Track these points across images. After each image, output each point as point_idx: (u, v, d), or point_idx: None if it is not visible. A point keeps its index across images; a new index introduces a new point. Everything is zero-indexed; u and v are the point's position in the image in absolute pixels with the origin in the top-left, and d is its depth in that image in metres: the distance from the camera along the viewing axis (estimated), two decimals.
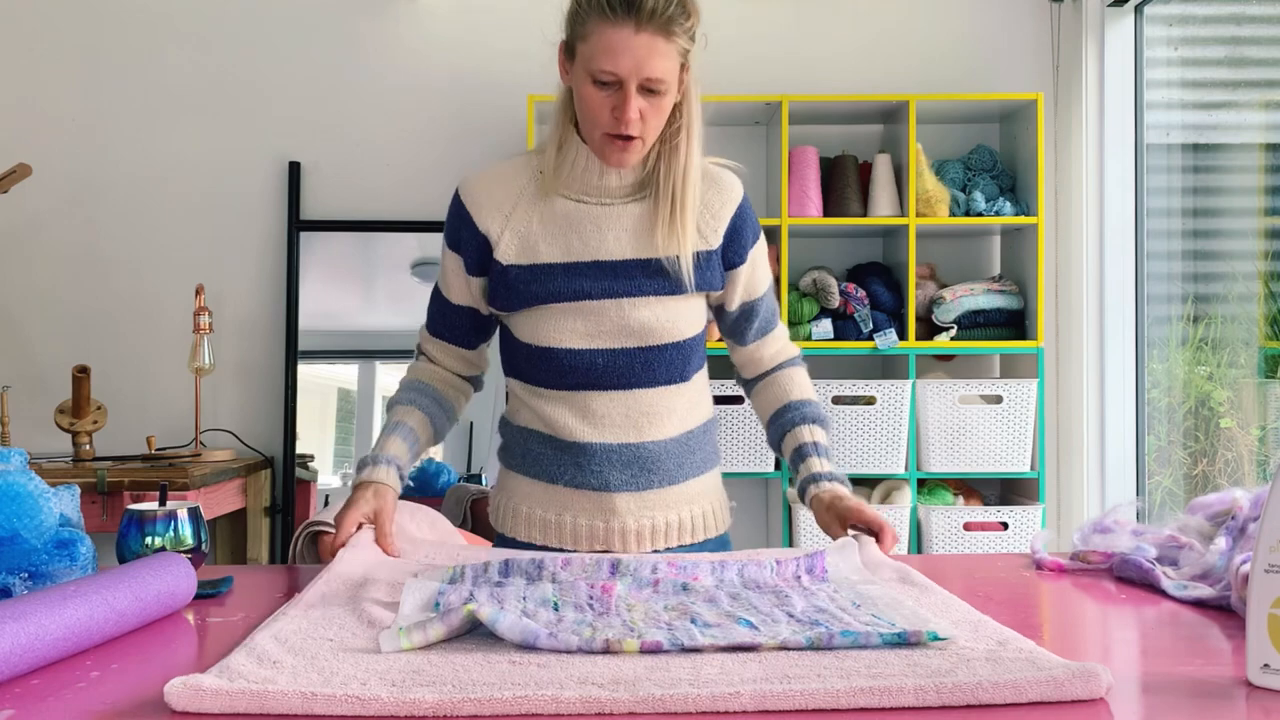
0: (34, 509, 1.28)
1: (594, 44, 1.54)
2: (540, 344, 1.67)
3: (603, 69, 1.54)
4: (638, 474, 1.68)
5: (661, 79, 1.55)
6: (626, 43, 1.52)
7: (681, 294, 1.67)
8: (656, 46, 1.53)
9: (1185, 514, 1.53)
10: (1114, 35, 3.47)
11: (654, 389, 1.69)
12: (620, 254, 1.65)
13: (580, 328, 1.65)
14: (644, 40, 1.52)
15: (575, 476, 1.68)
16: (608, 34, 1.53)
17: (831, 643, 1.08)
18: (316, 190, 3.65)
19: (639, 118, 1.56)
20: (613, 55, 1.53)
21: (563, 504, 1.70)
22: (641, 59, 1.53)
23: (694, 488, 1.74)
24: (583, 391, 1.67)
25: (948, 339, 3.41)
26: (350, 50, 3.65)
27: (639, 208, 1.66)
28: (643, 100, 1.56)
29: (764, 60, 3.64)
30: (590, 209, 1.66)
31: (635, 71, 1.53)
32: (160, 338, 3.60)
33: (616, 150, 1.60)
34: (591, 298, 1.63)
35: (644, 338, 1.66)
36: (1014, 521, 3.33)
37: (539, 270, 1.65)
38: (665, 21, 1.52)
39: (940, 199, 3.38)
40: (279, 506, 3.57)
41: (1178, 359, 3.54)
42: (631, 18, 1.52)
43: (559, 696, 0.91)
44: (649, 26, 1.52)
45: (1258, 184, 3.51)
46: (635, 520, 1.68)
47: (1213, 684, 1.00)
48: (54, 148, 3.60)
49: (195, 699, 0.91)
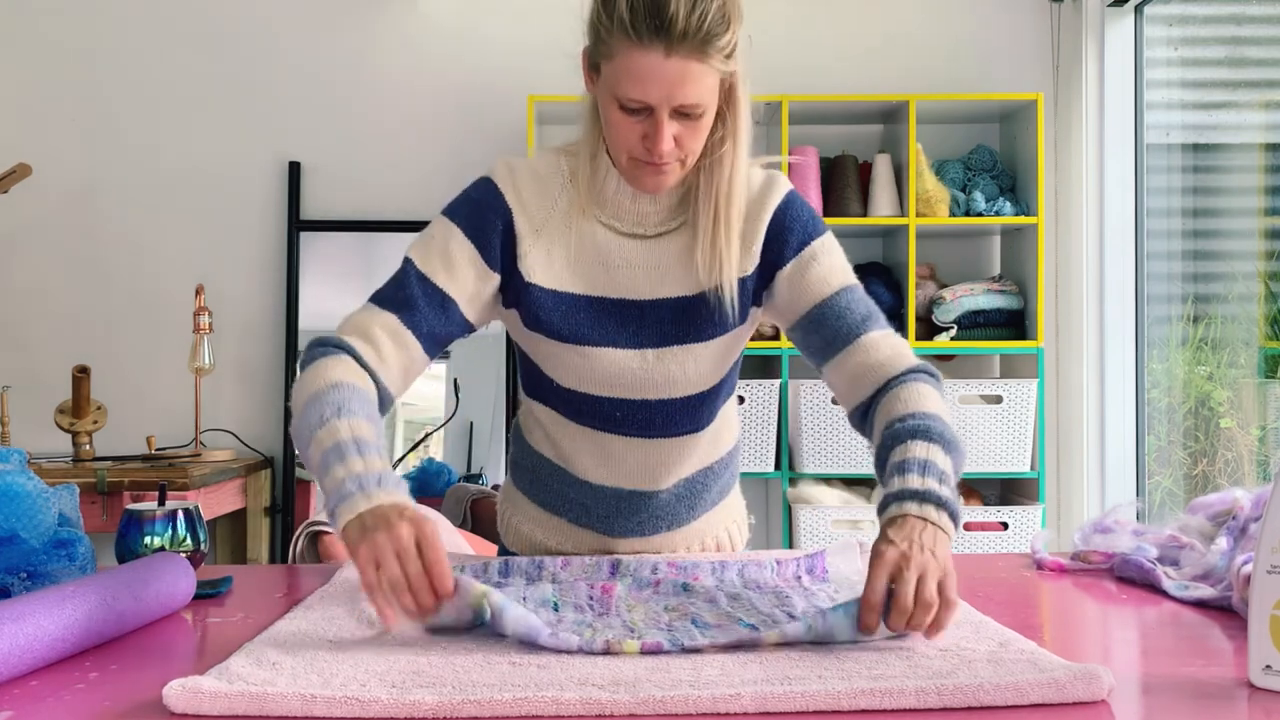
0: (33, 509, 1.28)
1: (619, 67, 1.34)
2: (557, 380, 1.51)
3: (630, 97, 1.34)
4: (644, 521, 1.58)
5: (697, 104, 1.34)
6: (657, 70, 1.31)
7: (719, 335, 1.48)
8: (690, 71, 1.32)
9: (1186, 514, 1.53)
10: (1114, 35, 3.47)
11: (676, 438, 1.53)
12: (651, 293, 1.46)
13: (599, 377, 1.47)
14: (675, 65, 1.31)
15: (580, 516, 1.59)
16: (635, 58, 1.32)
17: (827, 623, 1.08)
18: (316, 190, 3.65)
19: (674, 145, 1.37)
20: (641, 83, 1.32)
21: (564, 535, 1.62)
22: (674, 86, 1.32)
23: (702, 524, 1.64)
24: (600, 432, 1.52)
25: (948, 339, 3.40)
26: (350, 50, 3.65)
27: (675, 242, 1.47)
28: (677, 125, 1.36)
29: (764, 60, 3.63)
30: (622, 241, 1.47)
31: (667, 100, 1.33)
32: (160, 338, 3.60)
33: (650, 175, 1.40)
34: (616, 345, 1.46)
35: (668, 390, 1.49)
36: (1014, 521, 3.32)
37: (561, 298, 1.46)
38: (700, 43, 1.31)
39: (940, 199, 3.38)
40: (279, 506, 3.57)
41: (1178, 359, 3.54)
42: (661, 41, 1.30)
43: (559, 698, 0.90)
44: (681, 49, 1.30)
45: (1258, 184, 3.51)
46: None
47: (1214, 685, 1.00)
48: (54, 148, 3.59)
49: (194, 701, 0.91)
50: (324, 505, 1.21)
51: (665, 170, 1.40)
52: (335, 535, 1.37)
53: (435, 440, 3.66)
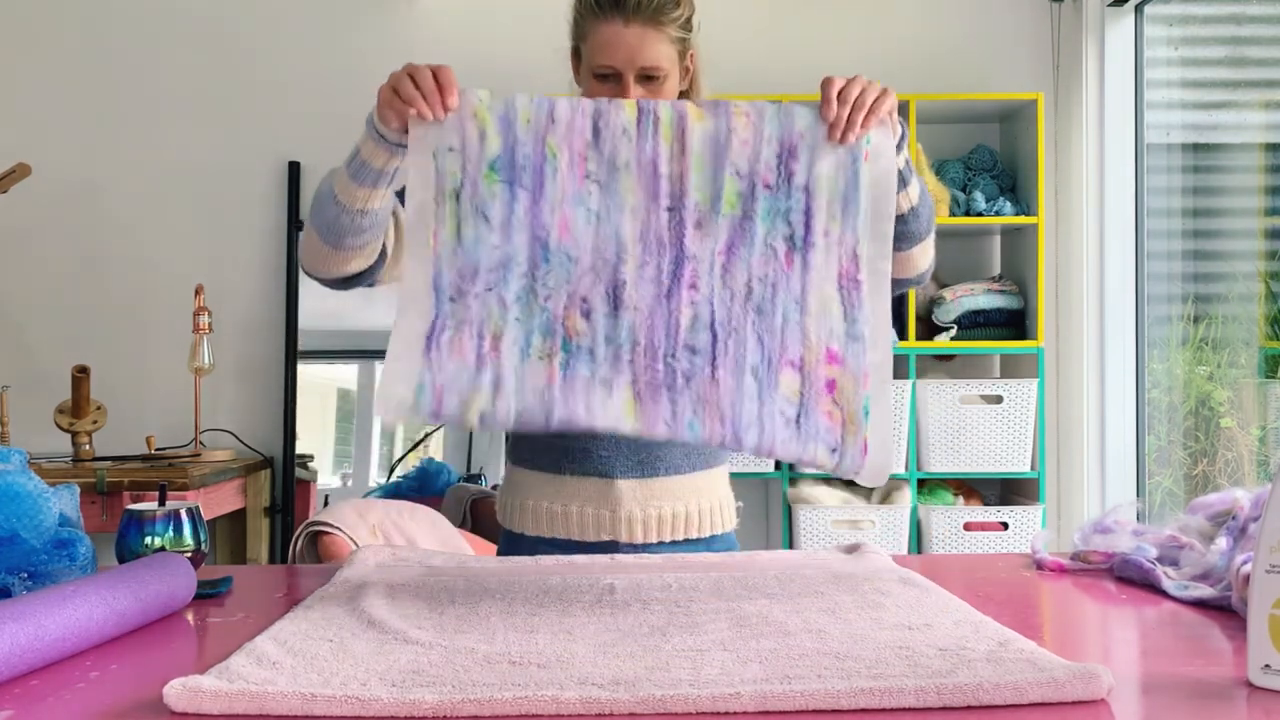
0: (34, 509, 1.28)
1: (591, 43, 1.63)
2: None
3: (600, 64, 1.62)
4: (644, 460, 1.69)
5: (656, 65, 1.62)
6: (618, 36, 1.61)
7: None
8: (647, 36, 1.61)
9: (1186, 514, 1.53)
10: (1114, 35, 3.47)
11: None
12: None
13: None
14: (634, 32, 1.60)
15: (581, 464, 1.68)
16: (601, 30, 1.62)
17: (789, 112, 1.26)
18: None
19: None
20: (607, 50, 1.61)
21: (569, 495, 1.69)
22: (634, 49, 1.61)
23: (699, 481, 1.74)
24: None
25: (948, 339, 3.41)
26: (350, 50, 3.65)
27: None
28: (642, 89, 1.63)
29: (764, 60, 3.64)
30: None
31: (629, 62, 1.61)
32: (160, 338, 3.60)
33: None
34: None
35: None
36: (1014, 521, 3.33)
37: None
38: (653, 13, 1.60)
39: (940, 199, 3.38)
40: (279, 506, 3.57)
41: (1178, 359, 3.54)
42: (620, 13, 1.60)
43: (559, 697, 0.90)
44: (637, 19, 1.60)
45: (1258, 184, 3.51)
46: (641, 509, 1.68)
47: (1213, 684, 1.00)
48: (54, 148, 3.59)
49: (194, 700, 0.91)
50: (356, 157, 1.54)
51: None
52: (378, 136, 1.50)
53: (435, 440, 3.66)
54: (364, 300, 3.73)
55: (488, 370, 1.24)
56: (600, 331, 1.27)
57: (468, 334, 1.25)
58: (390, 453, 3.71)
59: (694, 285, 1.29)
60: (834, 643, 1.08)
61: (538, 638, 1.11)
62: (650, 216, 1.29)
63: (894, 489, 3.38)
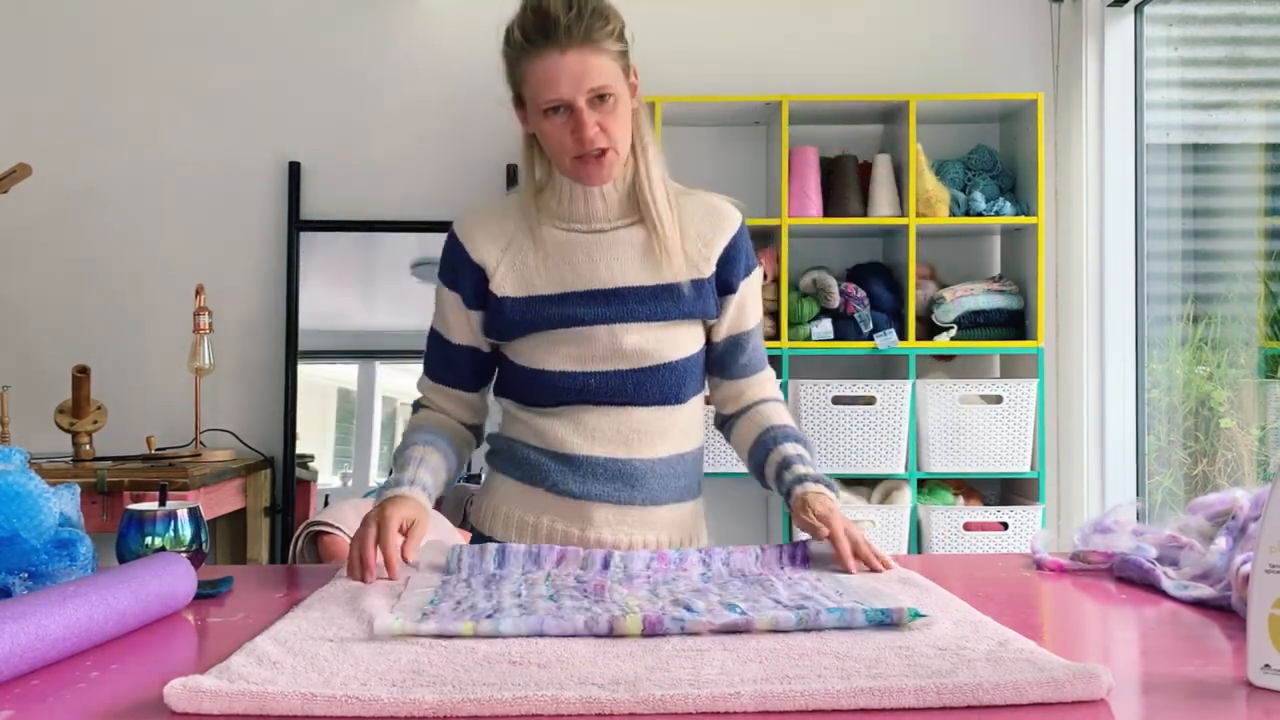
0: (34, 509, 1.28)
1: (533, 81, 1.59)
2: (534, 366, 1.69)
3: (547, 99, 1.58)
4: (620, 489, 1.69)
5: (605, 84, 1.58)
6: (558, 67, 1.56)
7: (676, 319, 1.69)
8: (586, 59, 1.57)
9: (1185, 514, 1.53)
10: (1114, 35, 3.47)
11: (647, 408, 1.69)
12: (613, 281, 1.67)
13: (573, 352, 1.67)
14: (573, 58, 1.56)
15: (558, 483, 1.69)
16: (539, 66, 1.58)
17: (818, 620, 1.13)
18: (316, 190, 3.65)
19: (599, 130, 1.59)
20: (551, 83, 1.57)
21: (542, 507, 1.70)
22: (578, 76, 1.57)
23: (675, 513, 1.74)
24: (576, 407, 1.68)
25: (948, 339, 3.41)
26: (350, 50, 3.65)
27: (633, 234, 1.69)
28: (596, 113, 1.59)
29: (764, 60, 3.64)
30: (582, 237, 1.68)
31: (577, 89, 1.57)
32: (160, 338, 3.60)
33: (591, 168, 1.63)
34: (584, 323, 1.66)
35: (636, 360, 1.67)
36: (1014, 521, 3.33)
37: (534, 301, 1.67)
38: (585, 33, 1.56)
39: (940, 199, 3.38)
40: (279, 506, 3.57)
41: (1178, 359, 3.54)
42: (554, 43, 1.56)
43: (559, 697, 0.91)
44: (572, 45, 1.56)
45: (1258, 184, 3.51)
46: (612, 534, 1.69)
47: (1213, 684, 1.00)
48: (54, 148, 3.60)
49: (195, 700, 0.91)
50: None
51: (604, 160, 1.62)
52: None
53: None
54: (364, 301, 3.74)
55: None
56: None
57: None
58: (390, 453, 3.71)
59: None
60: (833, 642, 1.08)
61: (538, 637, 1.11)
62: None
63: (894, 489, 3.38)
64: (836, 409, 3.35)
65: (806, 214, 3.39)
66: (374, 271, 3.70)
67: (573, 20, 1.55)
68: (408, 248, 3.64)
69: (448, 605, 1.24)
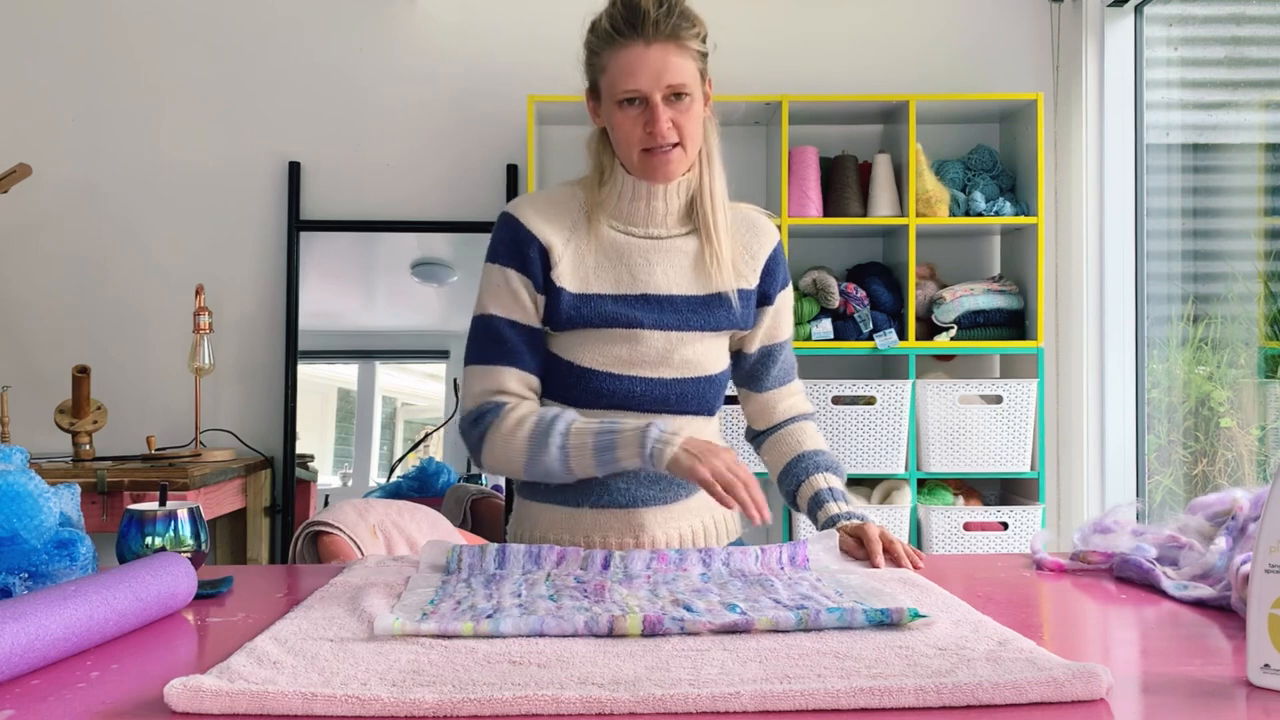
0: (34, 509, 1.28)
1: (613, 71, 1.61)
2: (581, 364, 1.67)
3: (625, 89, 1.60)
4: (665, 488, 1.71)
5: (683, 83, 1.60)
6: (641, 59, 1.58)
7: (725, 329, 1.72)
8: (670, 55, 1.59)
9: (1185, 514, 1.53)
10: (1114, 35, 3.47)
11: (683, 417, 1.71)
12: (669, 289, 1.68)
13: (623, 354, 1.67)
14: (657, 52, 1.58)
15: (603, 497, 1.69)
16: (622, 56, 1.59)
17: (818, 620, 1.13)
18: (316, 190, 3.65)
19: (671, 126, 1.61)
20: (632, 74, 1.59)
21: (590, 527, 1.70)
22: (659, 69, 1.58)
23: (706, 497, 1.74)
24: (616, 412, 1.68)
25: (948, 339, 3.41)
26: (350, 50, 3.65)
27: (687, 243, 1.70)
28: (670, 109, 1.60)
29: (764, 60, 3.64)
30: (639, 243, 1.69)
31: (656, 83, 1.59)
32: (160, 338, 3.60)
33: (658, 161, 1.63)
34: (641, 327, 1.66)
35: (683, 369, 1.69)
36: (1014, 521, 3.33)
37: (589, 299, 1.66)
38: (672, 31, 1.58)
39: (940, 199, 3.38)
40: (279, 506, 3.57)
41: (1178, 359, 3.54)
42: (640, 35, 1.58)
43: (559, 696, 0.91)
44: (658, 39, 1.58)
45: (1258, 184, 3.51)
46: (664, 532, 1.70)
47: (1213, 684, 1.00)
48: (54, 148, 3.60)
49: (195, 699, 0.91)
50: (638, 450, 1.55)
51: (671, 156, 1.63)
52: (651, 463, 1.57)
53: (435, 440, 3.67)
54: (364, 301, 3.75)
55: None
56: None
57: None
58: (390, 453, 3.71)
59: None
60: (833, 642, 1.08)
61: (538, 637, 1.11)
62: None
63: (894, 489, 3.38)
64: (836, 409, 3.35)
65: (806, 214, 3.39)
66: (374, 271, 3.70)
67: (662, 16, 1.58)
68: (408, 248, 3.64)
69: (448, 605, 1.24)
